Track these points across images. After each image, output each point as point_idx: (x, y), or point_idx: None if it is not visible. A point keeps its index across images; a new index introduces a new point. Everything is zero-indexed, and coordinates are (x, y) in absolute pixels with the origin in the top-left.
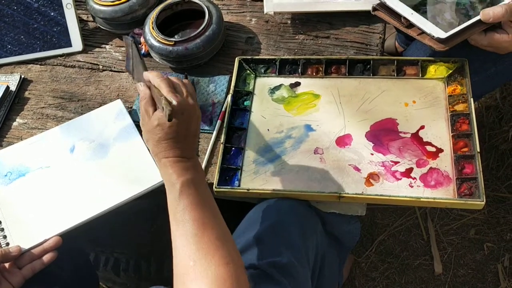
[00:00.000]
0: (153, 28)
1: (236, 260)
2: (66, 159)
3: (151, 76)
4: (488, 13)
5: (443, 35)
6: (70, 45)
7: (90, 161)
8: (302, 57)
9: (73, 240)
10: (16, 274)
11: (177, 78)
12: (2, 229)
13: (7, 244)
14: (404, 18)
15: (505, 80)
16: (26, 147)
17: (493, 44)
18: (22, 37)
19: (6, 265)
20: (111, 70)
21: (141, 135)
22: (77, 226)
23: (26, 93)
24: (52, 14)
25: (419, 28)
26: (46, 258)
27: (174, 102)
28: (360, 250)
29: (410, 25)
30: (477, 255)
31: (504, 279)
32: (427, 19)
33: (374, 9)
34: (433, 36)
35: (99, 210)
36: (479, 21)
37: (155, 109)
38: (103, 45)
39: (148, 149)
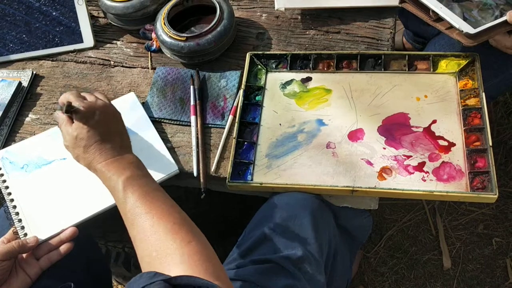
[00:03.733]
0: (164, 24)
1: (198, 236)
2: None
3: (62, 96)
4: None
5: (472, 30)
6: (80, 41)
7: None
8: (313, 52)
9: (87, 235)
10: (34, 265)
11: (89, 93)
12: (20, 220)
13: (25, 234)
14: (433, 11)
15: None
16: (42, 140)
17: None
18: (24, 36)
19: (24, 255)
20: (122, 66)
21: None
22: (93, 216)
23: (38, 88)
24: (54, 14)
25: (447, 23)
26: (63, 248)
27: (77, 106)
28: (369, 246)
29: (438, 19)
30: (485, 250)
31: None
32: (455, 14)
33: (402, 0)
34: (462, 31)
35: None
36: (505, 22)
37: None
38: (114, 41)
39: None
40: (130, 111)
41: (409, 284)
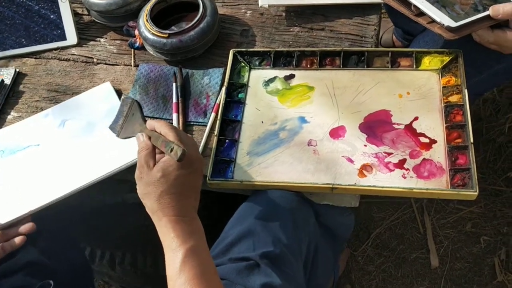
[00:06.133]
0: (147, 20)
1: None
2: (55, 136)
3: (157, 124)
4: (498, 9)
5: (453, 24)
6: (64, 39)
7: (77, 138)
8: (296, 49)
9: (69, 235)
10: None
11: (182, 132)
12: None
13: None
14: (415, 6)
15: (506, 79)
16: (19, 128)
17: (498, 42)
18: (23, 40)
19: None
20: (105, 63)
21: None
22: (58, 200)
23: (21, 86)
24: (52, 17)
25: (429, 17)
26: (17, 240)
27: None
28: (356, 244)
29: (420, 13)
30: (473, 248)
31: (500, 272)
32: (437, 9)
33: None
34: (443, 25)
35: (80, 184)
36: (488, 16)
37: (155, 162)
38: (98, 39)
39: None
40: (105, 101)
41: (397, 282)
